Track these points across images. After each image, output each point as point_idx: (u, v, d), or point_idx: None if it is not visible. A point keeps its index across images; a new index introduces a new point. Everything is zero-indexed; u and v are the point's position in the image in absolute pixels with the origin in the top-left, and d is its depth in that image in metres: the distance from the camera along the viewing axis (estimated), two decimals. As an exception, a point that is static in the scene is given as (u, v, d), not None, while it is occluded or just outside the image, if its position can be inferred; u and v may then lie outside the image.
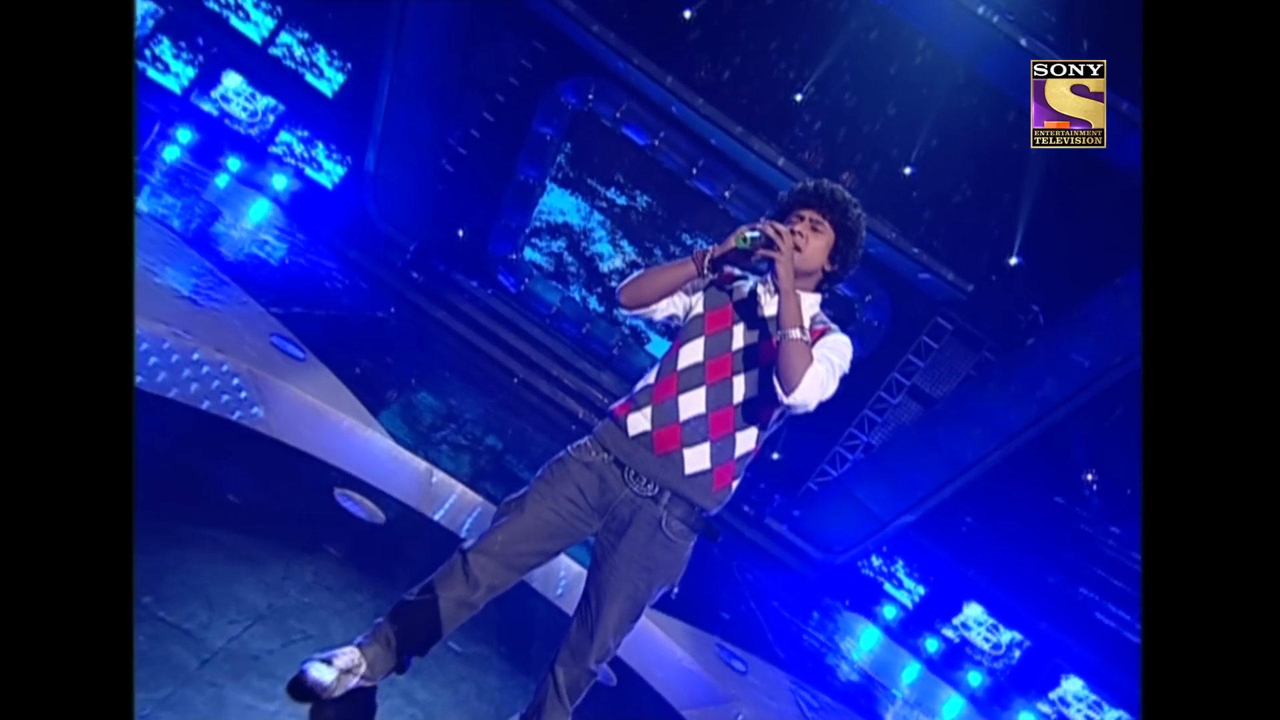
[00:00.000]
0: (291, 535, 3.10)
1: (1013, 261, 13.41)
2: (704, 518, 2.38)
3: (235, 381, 4.17)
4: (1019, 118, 12.91)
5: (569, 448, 2.42)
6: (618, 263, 15.16)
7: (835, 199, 2.29)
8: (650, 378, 2.39)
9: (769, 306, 2.30)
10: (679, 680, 4.54)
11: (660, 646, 4.90)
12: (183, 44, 10.03)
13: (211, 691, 2.05)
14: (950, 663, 13.20)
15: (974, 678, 12.83)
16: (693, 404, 2.30)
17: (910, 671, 11.10)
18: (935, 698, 10.57)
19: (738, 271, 2.43)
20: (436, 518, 4.30)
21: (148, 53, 8.79)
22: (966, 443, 13.09)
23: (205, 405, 3.70)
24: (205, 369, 4.06)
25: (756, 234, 2.14)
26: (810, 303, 2.32)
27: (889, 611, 13.76)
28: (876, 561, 14.44)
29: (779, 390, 2.14)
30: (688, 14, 13.20)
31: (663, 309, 2.40)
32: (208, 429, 3.53)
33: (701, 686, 4.69)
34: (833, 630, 10.30)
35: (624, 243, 15.18)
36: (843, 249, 2.32)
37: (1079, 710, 12.28)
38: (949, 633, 13.78)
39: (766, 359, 2.26)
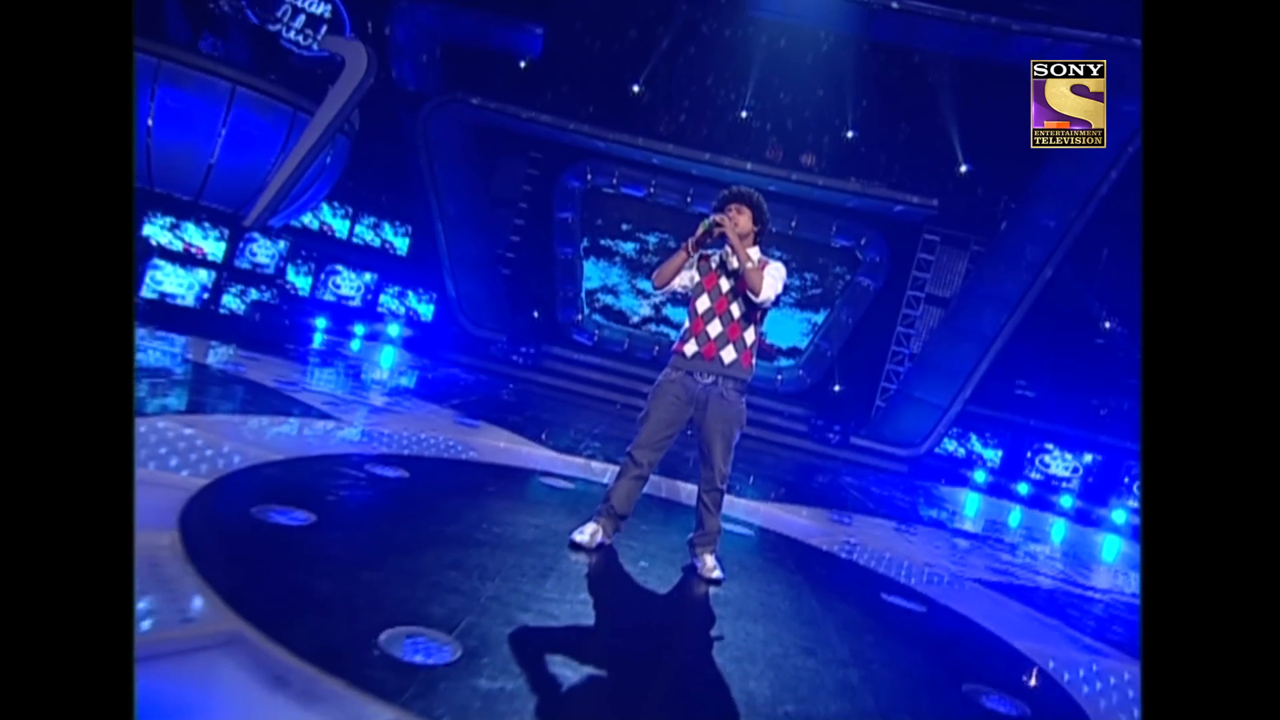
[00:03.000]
0: (530, 499, 4.66)
1: (963, 169, 14.38)
2: (743, 383, 3.81)
3: (452, 443, 5.81)
4: (922, 60, 14.01)
5: (660, 377, 3.89)
6: (653, 294, 16.68)
7: (741, 192, 3.76)
8: (687, 324, 3.86)
9: (731, 262, 3.74)
10: (800, 528, 5.91)
11: (783, 517, 6.27)
12: (298, 261, 12.07)
13: (535, 554, 3.56)
14: (1043, 497, 13.96)
15: (1066, 500, 13.57)
16: (714, 328, 3.77)
17: (1014, 516, 11.77)
18: (1042, 526, 11.17)
19: (710, 253, 3.89)
20: (604, 481, 5.81)
21: (281, 280, 10.74)
22: (984, 320, 13.97)
23: (447, 456, 5.33)
24: (433, 442, 5.70)
25: (709, 222, 3.63)
26: (754, 251, 3.75)
27: (979, 476, 14.53)
28: (951, 445, 15.26)
29: (753, 296, 3.60)
30: (636, 88, 14.81)
31: (677, 283, 3.86)
32: (456, 467, 5.15)
33: (817, 530, 6.04)
34: (935, 501, 11.11)
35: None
36: (757, 215, 3.77)
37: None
38: (1034, 475, 14.51)
39: (741, 289, 3.70)
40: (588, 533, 3.82)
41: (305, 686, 1.96)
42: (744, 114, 14.98)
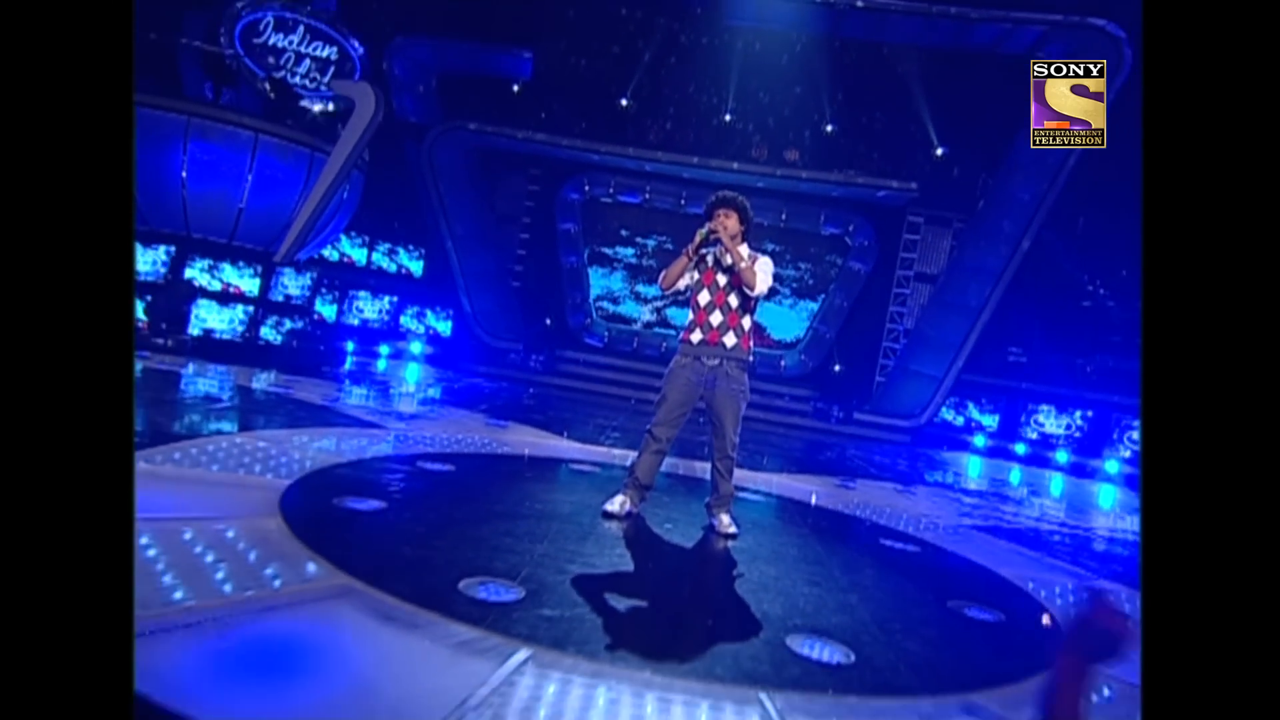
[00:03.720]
0: (562, 482, 5.11)
1: (939, 152, 14.75)
2: (745, 363, 4.24)
3: (486, 441, 6.27)
4: (891, 52, 14.40)
5: (671, 363, 4.33)
6: (656, 293, 17.10)
7: (727, 197, 4.19)
8: (691, 316, 4.29)
9: (724, 260, 4.17)
10: (807, 493, 6.34)
11: (793, 484, 6.70)
12: (323, 291, 12.55)
13: (574, 523, 4.00)
14: (1040, 454, 14.30)
15: (1062, 456, 13.91)
16: (716, 318, 4.20)
17: (1015, 474, 12.10)
18: (1042, 482, 11.53)
19: (706, 252, 4.32)
20: (626, 464, 6.26)
21: (311, 310, 11.22)
22: (970, 293, 14.32)
23: (485, 451, 5.79)
24: (470, 441, 6.16)
25: (706, 230, 4.07)
26: (744, 249, 4.19)
27: (978, 440, 14.86)
28: (949, 414, 15.59)
29: (749, 291, 4.04)
30: (624, 101, 15.26)
31: (681, 284, 4.29)
32: (494, 460, 5.61)
33: (823, 494, 6.47)
34: (937, 465, 11.45)
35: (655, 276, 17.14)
36: (743, 216, 4.20)
37: (1148, 442, 13.24)
38: (1030, 434, 14.85)
39: (736, 284, 4.13)
40: (617, 503, 4.26)
41: (408, 619, 2.42)
42: (727, 117, 15.41)
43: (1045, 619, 3.65)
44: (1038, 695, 1.47)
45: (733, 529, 4.22)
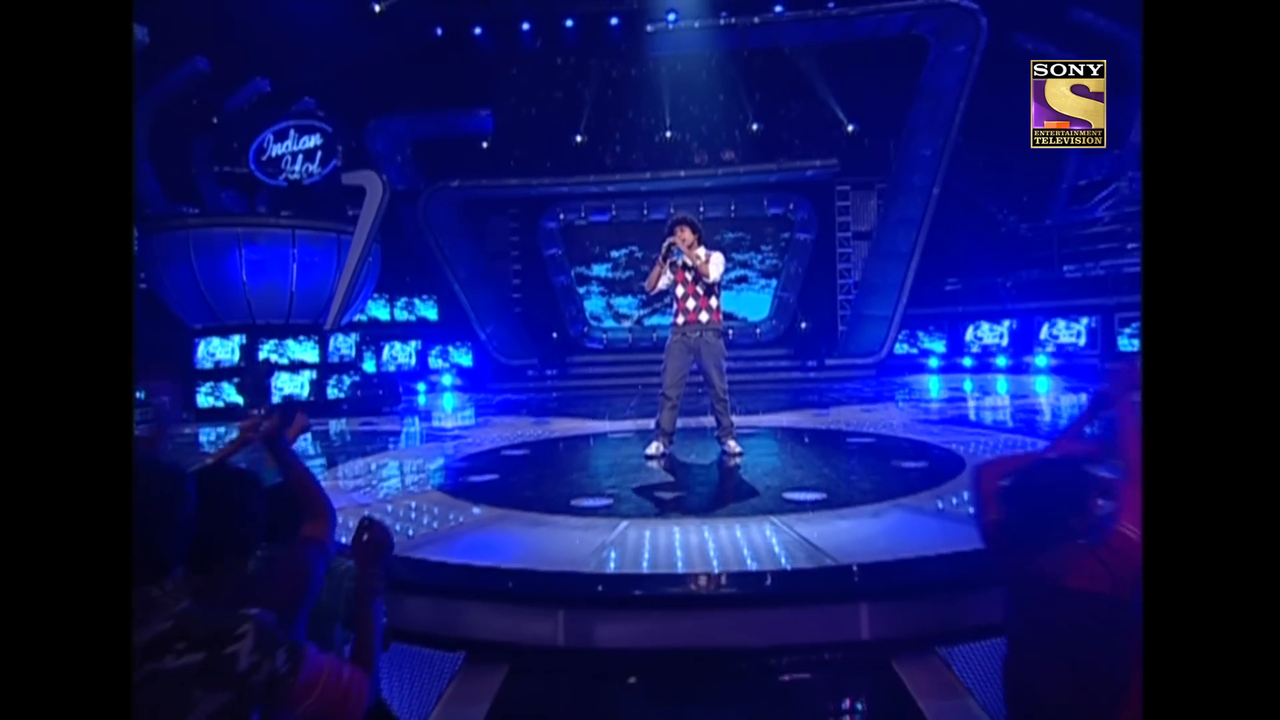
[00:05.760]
0: (609, 446, 6.35)
1: (850, 129, 16.02)
2: (719, 330, 5.47)
3: (540, 432, 7.50)
4: (792, 52, 15.62)
5: (667, 342, 5.55)
6: (635, 304, 18.22)
7: (679, 218, 5.37)
8: (675, 306, 5.51)
9: (689, 260, 5.39)
10: (792, 421, 7.60)
11: (781, 419, 7.95)
12: (361, 348, 13.68)
13: (627, 466, 5.23)
14: (984, 362, 15.60)
15: (1001, 360, 15.20)
16: (691, 304, 5.39)
17: (967, 384, 13.35)
18: (989, 385, 12.77)
19: (675, 258, 5.52)
20: (650, 426, 7.50)
21: (360, 364, 12.36)
22: (899, 239, 15.53)
23: (545, 438, 7.02)
24: (528, 434, 7.38)
25: (667, 245, 5.29)
26: (700, 250, 5.39)
27: (932, 363, 16.11)
28: (902, 348, 16.76)
29: (707, 280, 5.27)
30: (578, 137, 16.45)
31: (661, 284, 5.51)
32: (554, 441, 6.83)
33: (804, 421, 7.73)
34: (898, 388, 12.63)
35: (634, 281, 18.22)
36: (694, 227, 5.40)
37: (1066, 336, 14.55)
38: (973, 348, 16.14)
39: (700, 275, 5.36)
40: (653, 447, 5.49)
41: (548, 522, 3.65)
42: (668, 133, 16.61)
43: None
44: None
45: (738, 449, 5.46)
